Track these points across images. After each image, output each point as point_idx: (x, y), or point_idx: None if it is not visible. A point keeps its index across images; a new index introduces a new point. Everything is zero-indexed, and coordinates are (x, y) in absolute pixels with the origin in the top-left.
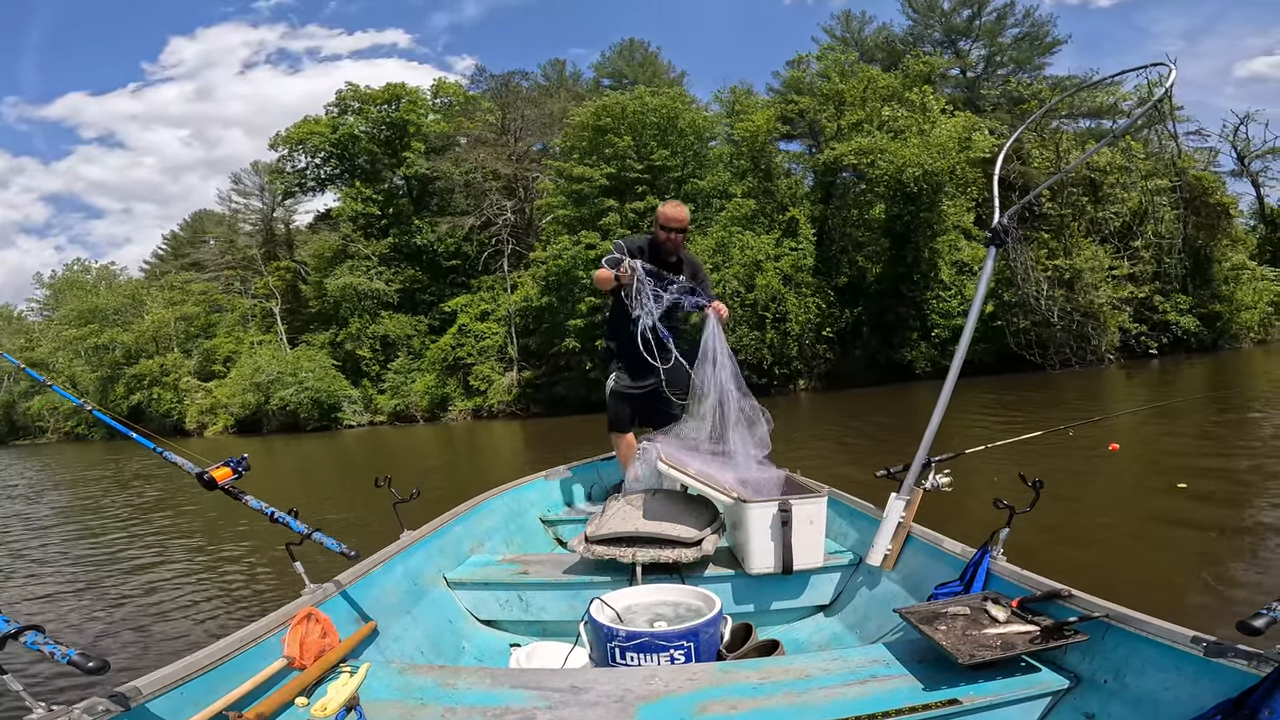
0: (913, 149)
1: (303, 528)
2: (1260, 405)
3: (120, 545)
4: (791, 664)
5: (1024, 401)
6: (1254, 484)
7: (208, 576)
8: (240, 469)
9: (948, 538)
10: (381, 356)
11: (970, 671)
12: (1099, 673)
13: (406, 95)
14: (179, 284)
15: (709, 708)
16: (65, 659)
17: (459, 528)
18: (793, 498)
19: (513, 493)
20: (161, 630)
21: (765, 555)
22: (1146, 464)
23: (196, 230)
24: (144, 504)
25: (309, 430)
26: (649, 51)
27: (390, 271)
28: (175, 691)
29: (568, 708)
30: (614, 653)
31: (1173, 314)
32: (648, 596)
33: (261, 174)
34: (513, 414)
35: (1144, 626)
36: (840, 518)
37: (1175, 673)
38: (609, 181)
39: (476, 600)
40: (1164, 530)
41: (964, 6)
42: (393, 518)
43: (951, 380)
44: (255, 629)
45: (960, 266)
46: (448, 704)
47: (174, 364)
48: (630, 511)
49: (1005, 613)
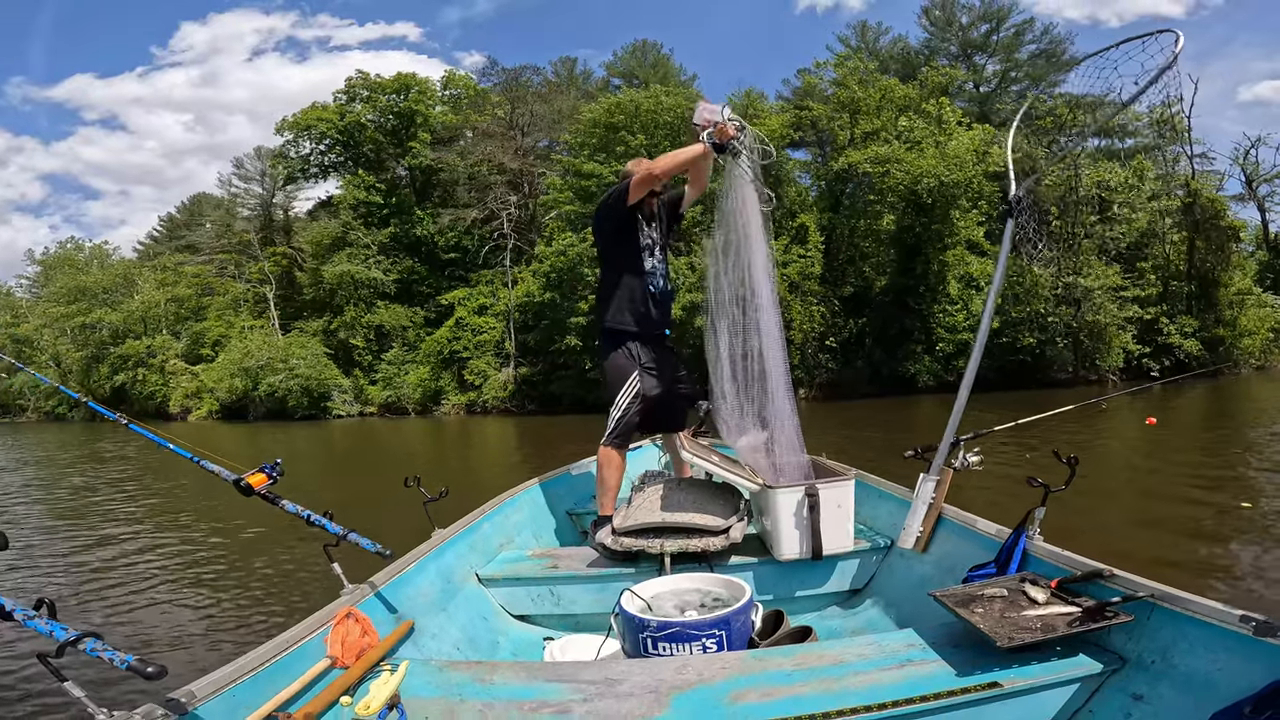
0: (929, 160)
1: (338, 529)
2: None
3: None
4: (825, 650)
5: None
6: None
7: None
8: (275, 474)
9: (981, 518)
10: (375, 347)
11: (1010, 654)
12: (1146, 653)
13: (416, 85)
14: (171, 265)
15: (743, 696)
16: (124, 665)
17: (488, 525)
18: (819, 482)
19: (539, 487)
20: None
21: (794, 541)
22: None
23: (194, 213)
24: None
25: (297, 419)
26: (661, 54)
27: (389, 261)
28: (227, 694)
29: (603, 699)
30: (646, 643)
31: (1176, 336)
32: (677, 586)
33: (264, 159)
34: (507, 410)
35: (1190, 606)
36: (869, 501)
37: (1224, 652)
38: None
39: (509, 596)
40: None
41: (982, 21)
42: (371, 506)
43: (977, 354)
44: (299, 630)
45: (968, 281)
46: (485, 699)
47: (161, 346)
48: (657, 502)
49: (1044, 594)
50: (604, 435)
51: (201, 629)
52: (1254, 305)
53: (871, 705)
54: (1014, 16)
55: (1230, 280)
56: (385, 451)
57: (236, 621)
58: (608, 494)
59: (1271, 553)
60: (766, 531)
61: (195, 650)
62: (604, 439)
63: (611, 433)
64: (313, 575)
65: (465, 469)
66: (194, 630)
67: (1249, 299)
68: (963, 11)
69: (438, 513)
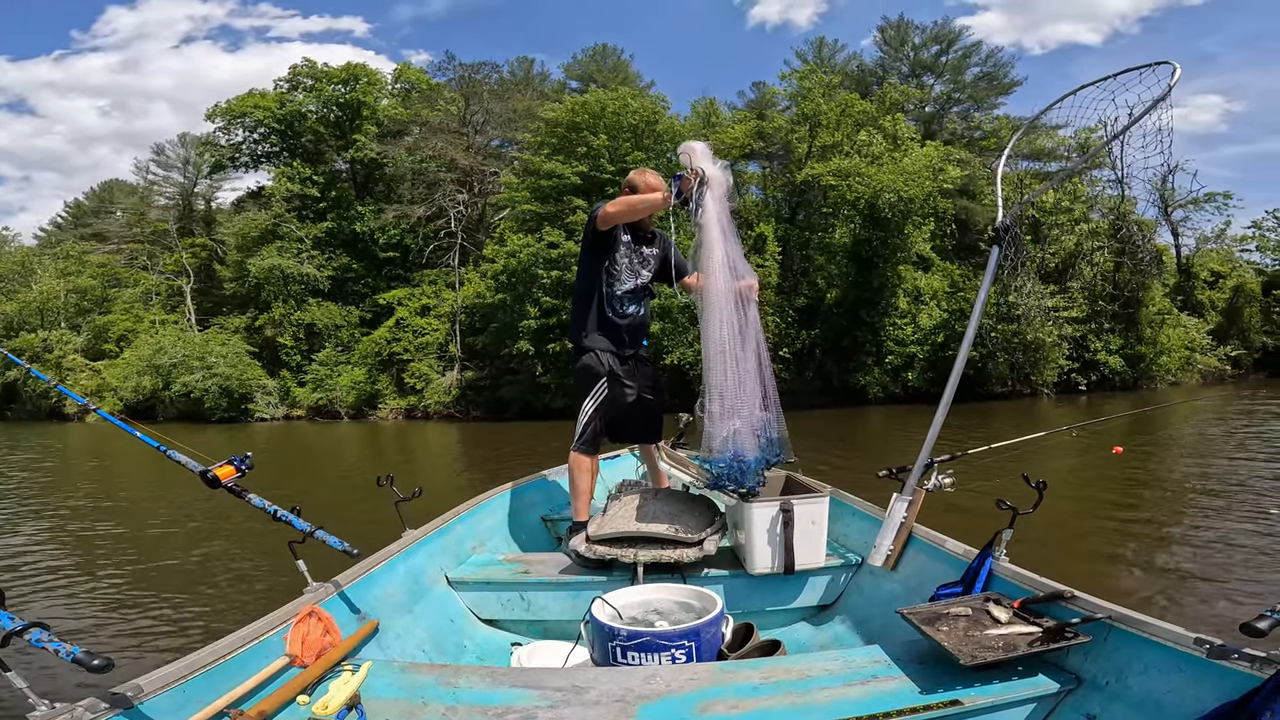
0: (889, 174)
1: (305, 526)
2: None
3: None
4: (793, 664)
5: (966, 426)
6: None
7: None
8: (244, 467)
9: (950, 538)
10: (305, 346)
11: (972, 672)
12: (1101, 674)
13: (366, 76)
14: (75, 253)
15: (710, 707)
16: (70, 657)
17: (460, 527)
18: (795, 498)
19: (514, 492)
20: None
21: (767, 555)
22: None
23: (104, 200)
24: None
25: (214, 421)
26: (620, 59)
27: (323, 257)
28: (177, 689)
29: (569, 707)
30: (615, 652)
31: (1102, 354)
32: (649, 596)
33: (189, 146)
34: (450, 416)
35: (1146, 628)
36: (842, 518)
37: (1178, 674)
38: (579, 180)
39: (478, 599)
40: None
41: (934, 42)
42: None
43: (954, 380)
44: (257, 627)
45: (916, 296)
46: (449, 703)
47: (59, 340)
48: (632, 512)
49: (1007, 614)
50: (573, 440)
51: (157, 625)
52: (1171, 325)
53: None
54: (962, 39)
55: (1151, 300)
56: (313, 456)
57: (194, 618)
58: (580, 498)
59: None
60: (740, 545)
61: (147, 646)
62: (573, 444)
63: (579, 438)
64: (275, 572)
65: (410, 475)
66: (148, 626)
67: (1168, 318)
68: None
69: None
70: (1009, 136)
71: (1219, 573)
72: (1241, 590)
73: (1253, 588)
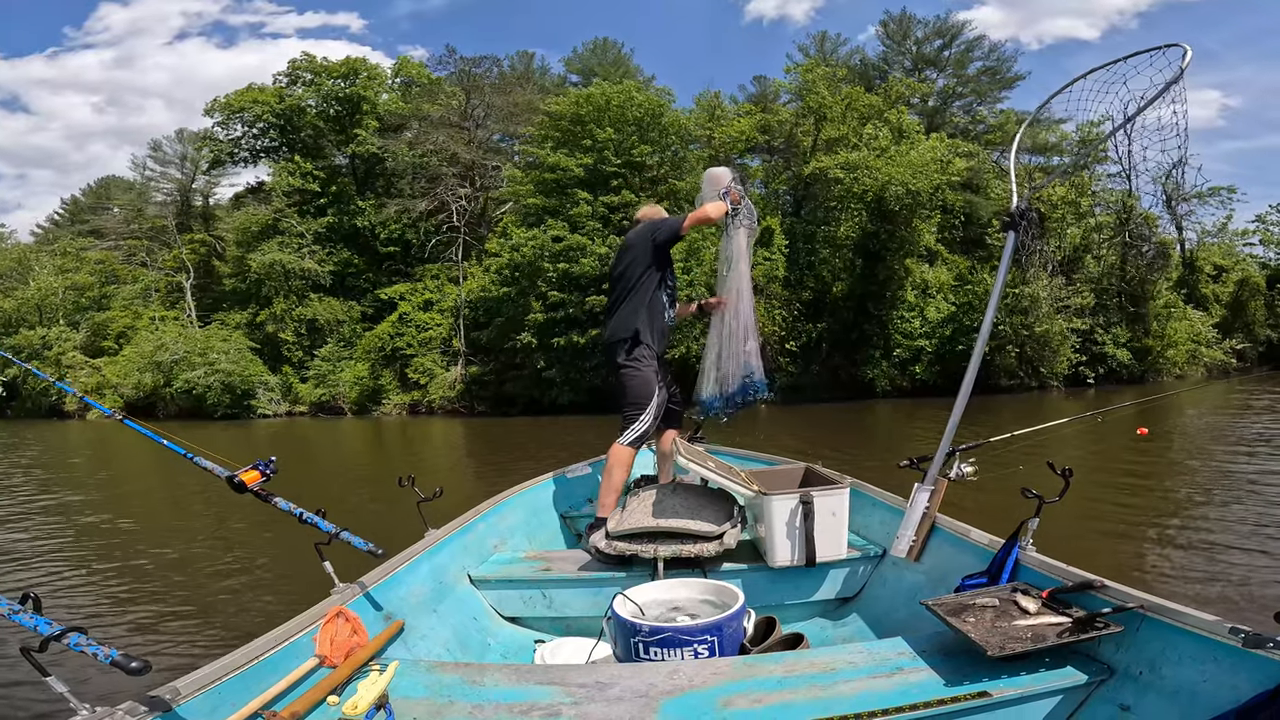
0: (896, 167)
1: (330, 527)
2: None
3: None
4: (816, 657)
5: (974, 421)
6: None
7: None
8: (269, 471)
9: (975, 528)
10: (306, 342)
11: (1000, 664)
12: (1134, 664)
13: (366, 71)
14: (73, 250)
15: (733, 702)
16: (108, 660)
17: (482, 525)
18: (814, 489)
19: (534, 490)
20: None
21: (787, 548)
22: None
23: (100, 196)
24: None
25: (216, 418)
26: (621, 52)
27: (324, 252)
28: (212, 691)
29: (592, 703)
30: (637, 648)
31: (1110, 346)
32: (670, 591)
33: (186, 143)
34: (454, 411)
35: (1180, 617)
36: (862, 509)
37: (1213, 664)
38: (584, 173)
39: (500, 597)
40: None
41: (936, 36)
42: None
43: (974, 364)
44: (287, 628)
45: (923, 289)
46: (475, 701)
47: (58, 337)
48: (651, 507)
49: (1035, 604)
50: (624, 436)
51: (190, 627)
52: (1178, 318)
53: (861, 713)
54: (964, 34)
55: (1159, 294)
56: (318, 453)
57: (225, 620)
58: (612, 494)
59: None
60: (760, 538)
61: (182, 648)
62: (624, 440)
63: (638, 434)
64: (303, 573)
65: (419, 473)
66: (182, 628)
67: (1174, 312)
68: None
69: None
70: (1016, 128)
71: (1251, 560)
72: (1276, 579)
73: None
